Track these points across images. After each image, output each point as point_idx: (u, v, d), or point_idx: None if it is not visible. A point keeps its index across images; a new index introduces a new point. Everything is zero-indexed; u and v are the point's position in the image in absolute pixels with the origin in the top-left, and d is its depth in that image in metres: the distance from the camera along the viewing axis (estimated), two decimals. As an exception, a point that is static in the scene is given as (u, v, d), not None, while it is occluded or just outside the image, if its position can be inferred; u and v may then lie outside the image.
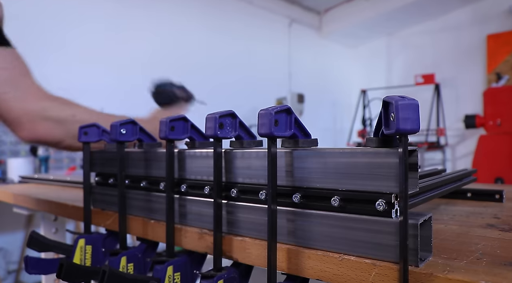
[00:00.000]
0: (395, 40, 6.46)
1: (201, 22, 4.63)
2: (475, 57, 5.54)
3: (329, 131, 6.55)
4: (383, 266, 0.40)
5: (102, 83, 3.71)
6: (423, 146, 4.84)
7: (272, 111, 0.44)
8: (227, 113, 0.53)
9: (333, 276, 0.44)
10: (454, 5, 5.57)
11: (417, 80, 5.36)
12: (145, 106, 4.02)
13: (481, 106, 4.76)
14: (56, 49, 3.41)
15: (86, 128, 0.76)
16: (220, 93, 4.74)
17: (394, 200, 0.41)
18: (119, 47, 3.86)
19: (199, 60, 4.55)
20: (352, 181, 0.44)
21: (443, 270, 0.38)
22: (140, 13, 4.05)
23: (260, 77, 5.31)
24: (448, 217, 0.65)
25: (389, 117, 0.39)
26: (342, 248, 0.45)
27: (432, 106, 5.32)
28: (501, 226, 0.58)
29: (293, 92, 5.39)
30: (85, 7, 3.62)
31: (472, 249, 0.45)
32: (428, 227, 0.42)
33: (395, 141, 0.43)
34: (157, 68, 4.17)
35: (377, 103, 5.45)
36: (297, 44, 5.91)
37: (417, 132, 0.36)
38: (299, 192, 0.48)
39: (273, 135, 0.44)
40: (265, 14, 5.43)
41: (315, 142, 0.51)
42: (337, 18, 6.15)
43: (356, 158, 0.43)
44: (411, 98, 0.37)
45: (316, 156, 0.47)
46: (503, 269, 0.38)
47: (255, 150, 0.54)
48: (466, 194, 0.82)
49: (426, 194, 0.57)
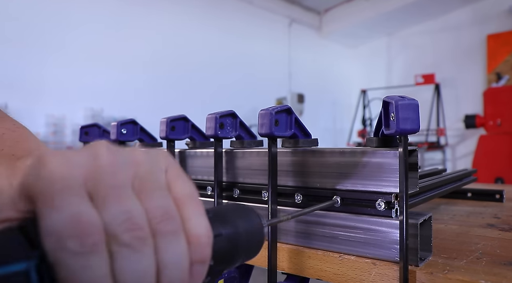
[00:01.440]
0: (395, 40, 6.46)
1: (202, 22, 4.63)
2: (475, 57, 5.54)
3: (329, 131, 6.55)
4: (383, 265, 0.41)
5: (102, 83, 3.72)
6: (423, 146, 4.84)
7: (272, 111, 0.44)
8: (228, 113, 0.53)
9: (333, 275, 0.44)
10: (454, 5, 5.57)
11: (417, 80, 5.36)
12: (146, 106, 4.01)
13: (481, 106, 4.76)
14: (56, 50, 3.41)
15: (86, 128, 0.76)
16: (220, 93, 4.74)
17: (394, 200, 0.41)
18: (120, 47, 3.86)
19: (199, 60, 4.56)
20: (352, 181, 0.44)
21: (443, 270, 0.38)
22: (140, 12, 4.05)
23: (260, 77, 5.32)
24: (448, 217, 0.65)
25: (389, 117, 0.39)
26: (342, 247, 0.45)
27: (432, 106, 5.32)
28: (501, 226, 0.58)
29: (293, 92, 5.39)
30: (85, 7, 3.62)
31: (472, 248, 0.45)
32: (428, 226, 0.42)
33: (395, 141, 0.43)
34: (158, 68, 4.17)
35: (377, 103, 5.44)
36: (297, 44, 5.91)
37: (417, 132, 0.37)
38: (299, 192, 0.48)
39: (274, 135, 0.44)
40: (265, 14, 5.43)
41: (315, 142, 0.51)
42: (337, 18, 6.16)
43: (356, 158, 0.43)
44: (411, 98, 0.37)
45: (317, 156, 0.47)
46: (503, 269, 0.38)
47: (255, 150, 0.54)
48: (466, 194, 0.83)
49: (426, 194, 0.57)
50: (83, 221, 0.18)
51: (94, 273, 0.18)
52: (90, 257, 0.18)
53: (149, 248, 0.19)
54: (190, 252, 0.21)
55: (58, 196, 0.18)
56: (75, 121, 3.50)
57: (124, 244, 0.18)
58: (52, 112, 3.38)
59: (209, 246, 0.22)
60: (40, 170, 0.19)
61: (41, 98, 3.31)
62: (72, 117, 3.51)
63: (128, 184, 0.20)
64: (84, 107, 3.57)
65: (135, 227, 0.19)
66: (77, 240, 0.17)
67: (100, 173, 0.19)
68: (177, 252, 0.20)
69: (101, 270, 0.18)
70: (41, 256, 0.18)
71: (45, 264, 0.18)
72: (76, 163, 0.19)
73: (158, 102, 4.08)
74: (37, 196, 0.18)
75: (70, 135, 3.51)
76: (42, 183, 0.18)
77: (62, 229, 0.17)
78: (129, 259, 0.18)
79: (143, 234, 0.19)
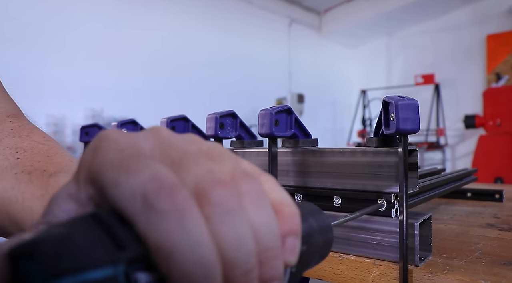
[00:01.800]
0: (395, 40, 6.46)
1: (202, 22, 4.63)
2: (475, 57, 5.54)
3: (329, 131, 6.55)
4: (383, 265, 0.41)
5: (102, 83, 3.72)
6: (423, 146, 4.84)
7: (272, 111, 0.44)
8: (228, 113, 0.53)
9: (333, 275, 0.44)
10: (454, 5, 5.57)
11: (417, 80, 5.36)
12: (146, 106, 4.02)
13: (481, 106, 4.76)
14: (56, 50, 3.41)
15: (87, 128, 0.76)
16: (220, 93, 4.74)
17: (394, 200, 0.41)
18: (120, 47, 3.86)
19: (199, 60, 4.56)
20: (352, 181, 0.44)
21: (442, 270, 0.38)
22: (140, 12, 4.05)
23: (260, 77, 5.32)
24: (448, 217, 0.65)
25: (389, 117, 0.39)
26: (342, 247, 0.45)
27: (432, 106, 5.32)
28: (500, 225, 0.58)
29: (293, 92, 5.39)
30: (85, 7, 3.62)
31: (471, 248, 0.46)
32: (428, 226, 0.42)
33: (395, 141, 0.43)
34: (158, 68, 4.17)
35: (377, 103, 5.44)
36: (297, 44, 5.91)
37: (417, 132, 0.37)
38: (299, 192, 0.48)
39: (274, 135, 0.45)
40: (265, 14, 5.43)
41: (315, 142, 0.51)
42: (337, 18, 6.15)
43: (356, 158, 0.44)
44: (411, 98, 0.37)
45: (317, 156, 0.47)
46: (503, 269, 0.38)
47: (255, 150, 0.54)
48: (466, 194, 0.83)
49: (426, 194, 0.57)
50: (166, 179, 0.16)
51: (194, 237, 0.15)
52: (184, 217, 0.15)
53: (240, 206, 0.17)
54: (279, 220, 0.19)
55: (131, 160, 0.16)
56: (75, 121, 3.50)
57: (215, 203, 0.16)
58: (52, 112, 3.38)
59: (297, 216, 0.20)
60: (103, 142, 0.17)
61: (41, 98, 3.31)
62: (72, 117, 3.51)
63: (198, 152, 0.19)
64: (84, 107, 3.57)
65: (223, 184, 0.17)
66: (165, 196, 0.15)
67: (167, 143, 0.18)
68: (265, 213, 0.18)
69: (200, 233, 0.15)
70: (129, 259, 0.15)
71: (133, 267, 0.15)
72: (139, 137, 0.18)
73: (158, 102, 4.08)
74: (105, 170, 0.16)
75: (71, 135, 3.51)
76: (110, 153, 0.17)
77: (146, 188, 0.15)
78: (225, 220, 0.16)
79: (231, 191, 0.17)
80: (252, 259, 0.17)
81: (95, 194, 0.17)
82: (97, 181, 0.17)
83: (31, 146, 0.37)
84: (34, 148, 0.37)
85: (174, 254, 0.15)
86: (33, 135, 0.39)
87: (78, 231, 0.15)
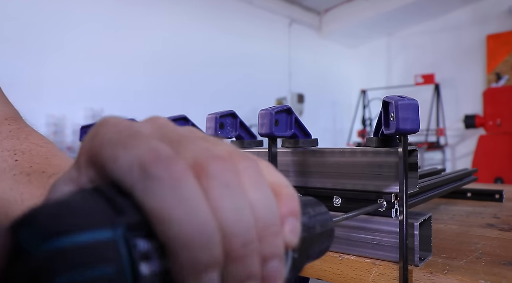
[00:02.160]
0: (395, 40, 6.46)
1: (202, 22, 4.63)
2: (475, 57, 5.54)
3: (329, 131, 6.55)
4: (383, 265, 0.41)
5: (102, 83, 3.72)
6: (423, 146, 4.84)
7: (272, 111, 0.44)
8: (228, 113, 0.53)
9: (333, 275, 0.44)
10: (454, 5, 5.57)
11: (417, 80, 5.36)
12: (146, 106, 4.02)
13: (481, 106, 4.76)
14: (55, 50, 3.41)
15: (87, 128, 0.76)
16: (220, 93, 4.74)
17: (394, 200, 0.41)
18: (119, 47, 3.86)
19: (199, 60, 4.56)
20: (352, 181, 0.44)
21: (442, 270, 0.38)
22: (140, 12, 4.05)
23: (260, 77, 5.32)
24: (448, 217, 0.65)
25: (389, 117, 0.39)
26: (342, 247, 0.45)
27: (432, 106, 5.32)
28: (500, 225, 0.58)
29: (293, 92, 5.39)
30: (84, 7, 3.62)
31: (471, 248, 0.46)
32: (427, 226, 0.42)
33: (395, 141, 0.43)
34: (158, 68, 4.17)
35: (377, 103, 5.44)
36: (297, 44, 5.91)
37: (417, 132, 0.37)
38: (299, 192, 0.48)
39: (274, 135, 0.45)
40: (265, 14, 5.43)
41: (315, 142, 0.51)
42: (337, 18, 6.15)
43: (356, 158, 0.44)
44: (411, 98, 0.37)
45: (317, 156, 0.47)
46: (502, 269, 0.38)
47: (255, 150, 0.54)
48: (466, 194, 0.83)
49: (426, 194, 0.57)
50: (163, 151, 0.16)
51: (190, 204, 0.15)
52: (180, 184, 0.15)
53: (238, 181, 0.17)
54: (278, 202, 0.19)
55: (130, 138, 0.17)
56: (75, 121, 3.50)
57: (213, 175, 0.16)
58: (52, 112, 3.38)
59: (296, 198, 0.19)
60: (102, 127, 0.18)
61: (41, 98, 3.31)
62: (72, 117, 3.51)
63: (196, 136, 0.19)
64: (84, 107, 3.57)
65: (221, 159, 0.17)
66: (161, 165, 0.15)
67: (166, 128, 0.19)
68: (263, 191, 0.18)
69: (197, 201, 0.16)
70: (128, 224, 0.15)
71: (133, 233, 0.15)
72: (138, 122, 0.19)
73: (158, 102, 4.08)
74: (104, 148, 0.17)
75: (71, 135, 3.51)
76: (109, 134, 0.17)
77: (143, 158, 0.16)
78: (223, 192, 0.16)
79: (229, 166, 0.17)
80: (252, 231, 0.17)
81: (95, 176, 0.18)
82: (98, 161, 0.17)
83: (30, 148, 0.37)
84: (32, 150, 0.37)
85: (171, 220, 0.15)
86: (32, 137, 0.39)
87: (77, 198, 0.15)
